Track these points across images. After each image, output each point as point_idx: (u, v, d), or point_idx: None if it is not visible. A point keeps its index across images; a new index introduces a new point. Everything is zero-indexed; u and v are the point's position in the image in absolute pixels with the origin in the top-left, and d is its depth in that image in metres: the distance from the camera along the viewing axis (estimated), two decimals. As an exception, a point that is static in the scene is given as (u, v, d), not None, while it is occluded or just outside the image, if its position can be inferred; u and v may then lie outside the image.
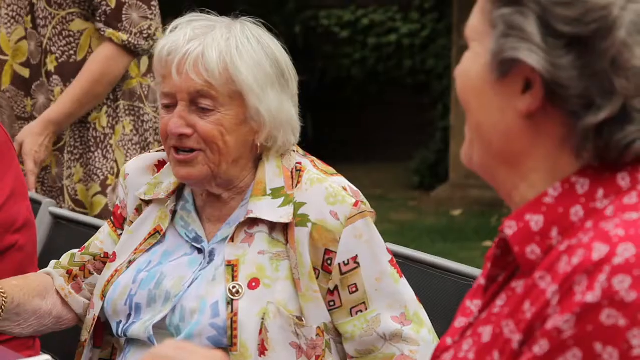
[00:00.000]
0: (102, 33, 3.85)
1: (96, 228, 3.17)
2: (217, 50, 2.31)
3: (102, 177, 3.85)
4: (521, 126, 1.42)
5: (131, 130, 3.93)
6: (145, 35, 3.90)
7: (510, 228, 1.41)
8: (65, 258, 2.56)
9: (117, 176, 3.49)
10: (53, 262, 2.58)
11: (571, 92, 1.36)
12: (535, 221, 1.39)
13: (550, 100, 1.38)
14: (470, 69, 1.47)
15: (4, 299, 2.33)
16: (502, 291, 1.45)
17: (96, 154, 3.85)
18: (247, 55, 2.34)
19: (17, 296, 2.39)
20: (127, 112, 3.95)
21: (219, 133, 2.30)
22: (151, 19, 3.86)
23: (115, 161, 3.87)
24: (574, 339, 1.25)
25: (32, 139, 3.68)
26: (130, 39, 3.88)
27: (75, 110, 3.82)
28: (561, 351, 1.26)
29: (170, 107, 2.33)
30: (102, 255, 2.53)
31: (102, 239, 2.56)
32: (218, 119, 2.31)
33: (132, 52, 3.98)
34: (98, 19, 3.85)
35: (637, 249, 1.27)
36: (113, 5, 3.78)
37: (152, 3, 3.93)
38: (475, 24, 1.48)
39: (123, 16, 3.77)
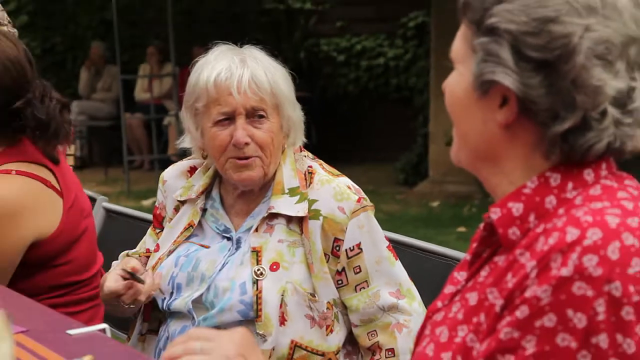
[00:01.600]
0: None
1: (139, 219, 3.19)
2: (262, 70, 2.32)
3: None
4: (500, 134, 1.41)
5: None
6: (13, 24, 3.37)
7: (495, 213, 1.40)
8: (122, 256, 2.57)
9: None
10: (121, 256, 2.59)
11: (540, 107, 1.35)
12: (516, 208, 1.39)
13: (523, 113, 1.37)
14: (457, 87, 1.46)
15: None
16: (486, 264, 1.44)
17: None
18: (277, 72, 2.36)
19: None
20: None
21: (270, 139, 2.31)
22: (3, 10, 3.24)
23: None
24: (549, 306, 1.25)
25: None
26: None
27: None
28: (539, 315, 1.26)
29: (224, 123, 2.31)
30: (145, 252, 2.54)
31: (145, 240, 2.57)
32: (269, 127, 2.32)
33: None
34: None
35: (603, 233, 1.27)
36: None
37: None
38: (459, 48, 1.46)
39: None
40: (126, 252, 2.57)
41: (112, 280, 2.28)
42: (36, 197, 2.51)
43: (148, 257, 2.49)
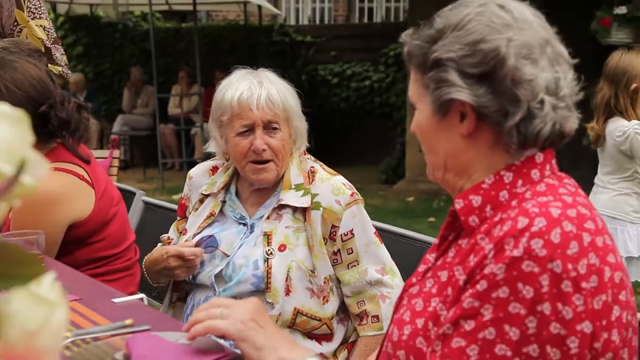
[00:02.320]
0: None
1: (170, 210, 3.16)
2: (275, 90, 2.31)
3: None
4: (465, 144, 1.42)
5: None
6: (68, 67, 3.47)
7: (458, 204, 1.41)
8: (162, 238, 2.58)
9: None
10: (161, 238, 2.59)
11: (492, 109, 1.36)
12: (476, 200, 1.39)
13: (480, 119, 1.38)
14: (421, 121, 1.46)
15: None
16: (452, 246, 1.44)
17: None
18: (287, 91, 2.35)
19: None
20: None
21: (282, 146, 2.31)
22: (63, 54, 3.33)
23: None
24: (503, 280, 1.27)
25: None
26: (63, 70, 3.42)
27: None
28: (495, 288, 1.27)
29: (245, 133, 2.31)
30: (167, 239, 2.54)
31: (170, 234, 2.57)
32: (281, 136, 2.31)
33: (65, 80, 3.57)
34: None
35: (547, 221, 1.28)
36: (43, 50, 3.20)
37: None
38: (414, 91, 1.47)
39: (54, 57, 3.24)
40: (164, 235, 2.58)
41: (188, 249, 2.30)
42: (72, 188, 2.53)
43: (169, 244, 2.50)
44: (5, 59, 2.50)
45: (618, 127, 3.94)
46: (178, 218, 2.56)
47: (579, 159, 4.36)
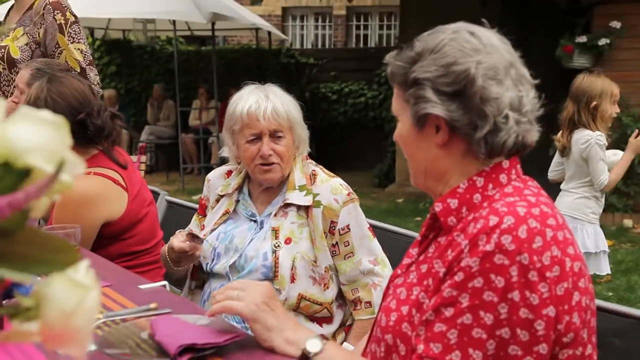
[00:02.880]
0: None
1: (190, 208, 3.18)
2: (280, 103, 2.31)
3: None
4: (440, 153, 1.42)
5: None
6: (100, 86, 3.43)
7: (438, 207, 1.41)
8: (177, 233, 2.57)
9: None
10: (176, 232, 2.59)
11: (463, 123, 1.37)
12: (453, 203, 1.40)
13: (452, 131, 1.39)
14: (403, 132, 1.47)
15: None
16: (432, 243, 1.44)
17: None
18: (290, 103, 2.34)
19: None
20: None
21: (286, 151, 2.30)
22: (97, 75, 3.28)
23: None
24: (478, 272, 1.27)
25: None
26: (95, 88, 3.25)
27: None
28: (471, 279, 1.28)
29: (254, 141, 2.31)
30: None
31: (191, 224, 2.57)
32: (285, 143, 2.30)
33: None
34: None
35: (514, 219, 1.29)
36: (78, 70, 3.16)
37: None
38: (396, 106, 1.47)
39: (88, 76, 3.17)
40: (179, 230, 2.57)
41: (178, 241, 2.28)
42: (106, 191, 2.54)
43: None
44: (56, 75, 2.55)
45: (583, 136, 4.00)
46: (199, 216, 2.55)
47: (545, 167, 4.41)
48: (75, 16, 3.20)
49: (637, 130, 4.17)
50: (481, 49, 1.38)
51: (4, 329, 0.73)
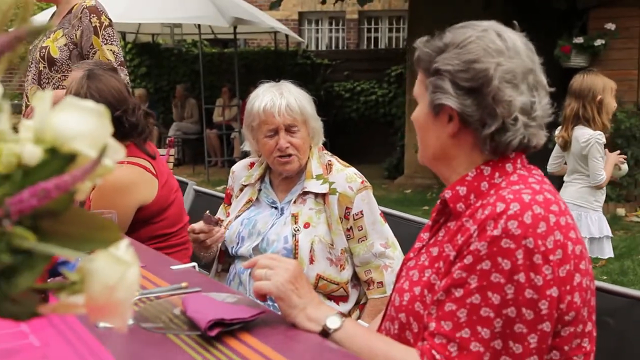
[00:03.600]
0: None
1: (215, 196, 3.20)
2: (293, 99, 2.30)
3: None
4: (450, 141, 1.41)
5: None
6: (130, 85, 3.39)
7: (448, 194, 1.40)
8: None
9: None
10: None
11: (474, 118, 1.36)
12: (462, 190, 1.39)
13: (463, 124, 1.38)
14: (419, 115, 1.45)
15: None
16: (442, 228, 1.43)
17: None
18: (304, 98, 2.34)
19: None
20: None
21: (302, 142, 2.30)
22: (127, 75, 3.24)
23: None
24: (486, 255, 1.26)
25: None
26: None
27: None
28: (479, 262, 1.27)
29: (271, 135, 2.30)
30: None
31: (219, 213, 2.57)
32: (300, 135, 2.30)
33: None
34: None
35: (520, 205, 1.27)
36: None
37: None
38: (418, 89, 1.46)
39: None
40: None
41: (198, 225, 2.29)
42: (140, 178, 2.55)
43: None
44: (95, 72, 2.55)
45: (584, 134, 4.03)
46: (225, 205, 2.56)
47: (545, 160, 4.42)
48: (109, 20, 3.22)
49: (621, 157, 4.27)
50: (504, 52, 1.36)
51: (51, 302, 0.73)
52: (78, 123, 0.70)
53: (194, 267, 1.98)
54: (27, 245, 0.63)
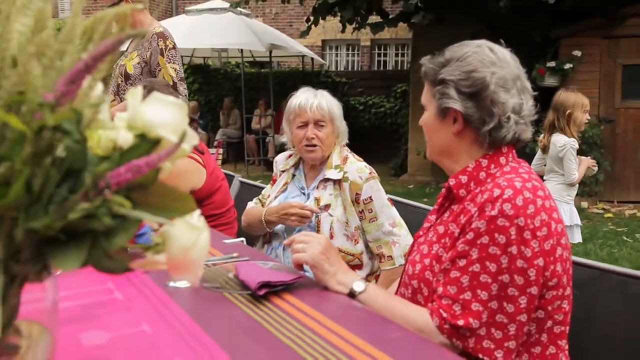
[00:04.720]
0: None
1: (255, 186, 3.18)
2: (325, 100, 2.31)
3: None
4: (455, 139, 1.40)
5: None
6: (188, 98, 3.29)
7: (452, 181, 1.39)
8: (254, 200, 2.58)
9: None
10: (250, 203, 2.56)
11: (474, 118, 1.35)
12: (464, 178, 1.38)
13: (466, 123, 1.37)
14: (428, 119, 1.43)
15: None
16: (447, 210, 1.42)
17: None
18: (333, 103, 2.34)
19: None
20: None
21: (326, 137, 2.28)
22: (185, 89, 3.18)
23: None
24: (485, 231, 1.25)
25: None
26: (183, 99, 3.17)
27: None
28: (479, 237, 1.25)
29: (302, 127, 2.30)
30: (264, 197, 2.53)
31: (264, 191, 2.57)
32: (325, 131, 2.29)
33: None
34: None
35: (513, 191, 1.26)
36: (171, 83, 3.08)
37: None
38: (425, 98, 1.44)
39: (178, 89, 3.08)
40: (254, 200, 2.57)
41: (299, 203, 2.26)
42: (191, 167, 2.54)
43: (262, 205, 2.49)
44: (154, 87, 2.54)
45: (560, 140, 4.04)
46: (272, 185, 2.53)
47: (529, 160, 4.41)
48: (174, 43, 3.23)
49: (593, 161, 4.26)
50: (497, 63, 1.35)
51: (137, 260, 0.73)
52: (162, 114, 0.70)
53: (242, 241, 1.98)
54: (123, 211, 0.62)
